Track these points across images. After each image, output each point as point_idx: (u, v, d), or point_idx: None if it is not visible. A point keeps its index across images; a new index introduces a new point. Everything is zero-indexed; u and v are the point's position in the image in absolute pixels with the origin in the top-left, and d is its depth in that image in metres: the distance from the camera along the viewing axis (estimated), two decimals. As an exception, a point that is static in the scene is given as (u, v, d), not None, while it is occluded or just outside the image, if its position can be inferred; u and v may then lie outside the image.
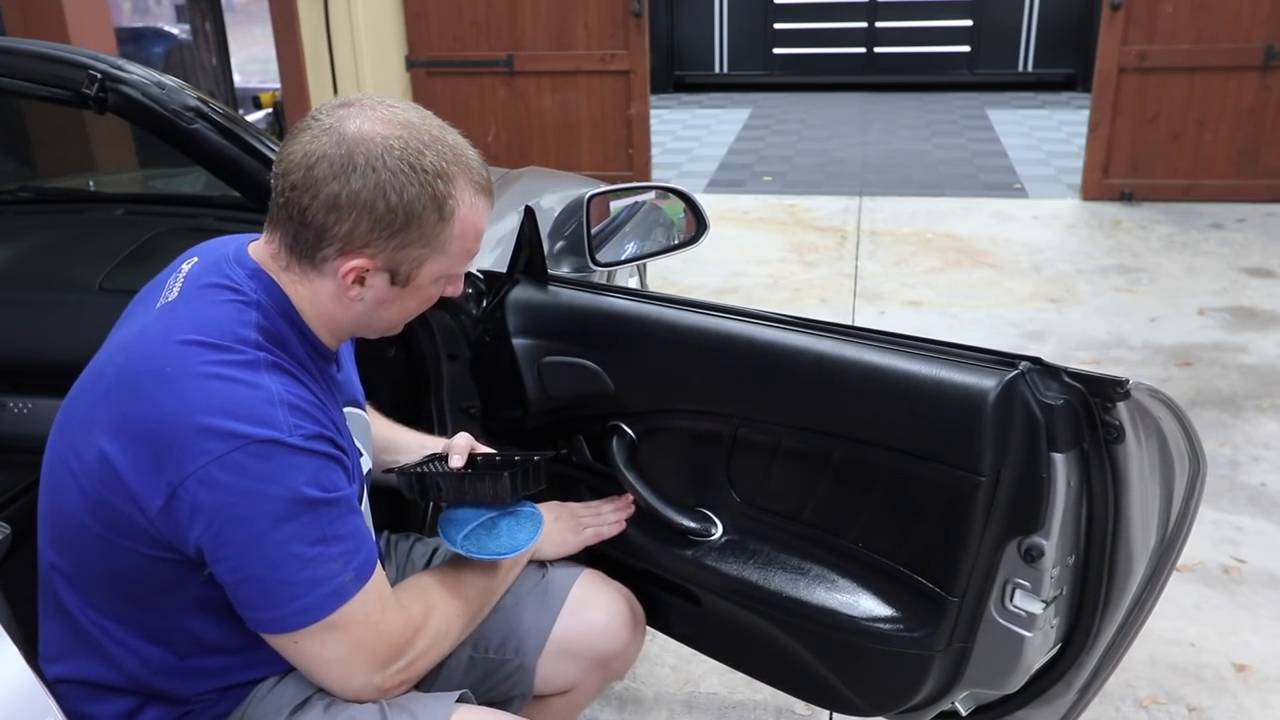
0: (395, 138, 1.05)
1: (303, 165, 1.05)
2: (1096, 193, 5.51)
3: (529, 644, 1.40)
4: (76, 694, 1.15)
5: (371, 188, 1.04)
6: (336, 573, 1.04)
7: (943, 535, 1.22)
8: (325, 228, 1.06)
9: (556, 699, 1.46)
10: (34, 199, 2.38)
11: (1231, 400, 3.31)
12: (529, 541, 1.28)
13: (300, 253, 1.09)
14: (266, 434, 1.00)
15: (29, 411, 1.74)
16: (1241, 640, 2.23)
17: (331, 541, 1.04)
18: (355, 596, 1.06)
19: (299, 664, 1.10)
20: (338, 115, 1.06)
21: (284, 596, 1.03)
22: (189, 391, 1.01)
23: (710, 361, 1.39)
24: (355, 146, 1.04)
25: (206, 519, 1.00)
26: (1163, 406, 1.15)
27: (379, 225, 1.06)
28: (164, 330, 1.06)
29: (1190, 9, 5.11)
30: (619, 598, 1.47)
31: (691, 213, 1.97)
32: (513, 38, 5.67)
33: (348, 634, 1.07)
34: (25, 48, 1.39)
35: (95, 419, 1.06)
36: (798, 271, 4.61)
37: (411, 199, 1.06)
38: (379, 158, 1.04)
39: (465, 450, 1.36)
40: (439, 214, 1.08)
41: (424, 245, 1.09)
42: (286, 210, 1.07)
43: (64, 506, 1.10)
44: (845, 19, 8.79)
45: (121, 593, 1.10)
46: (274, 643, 1.08)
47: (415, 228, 1.07)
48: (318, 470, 1.03)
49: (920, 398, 1.20)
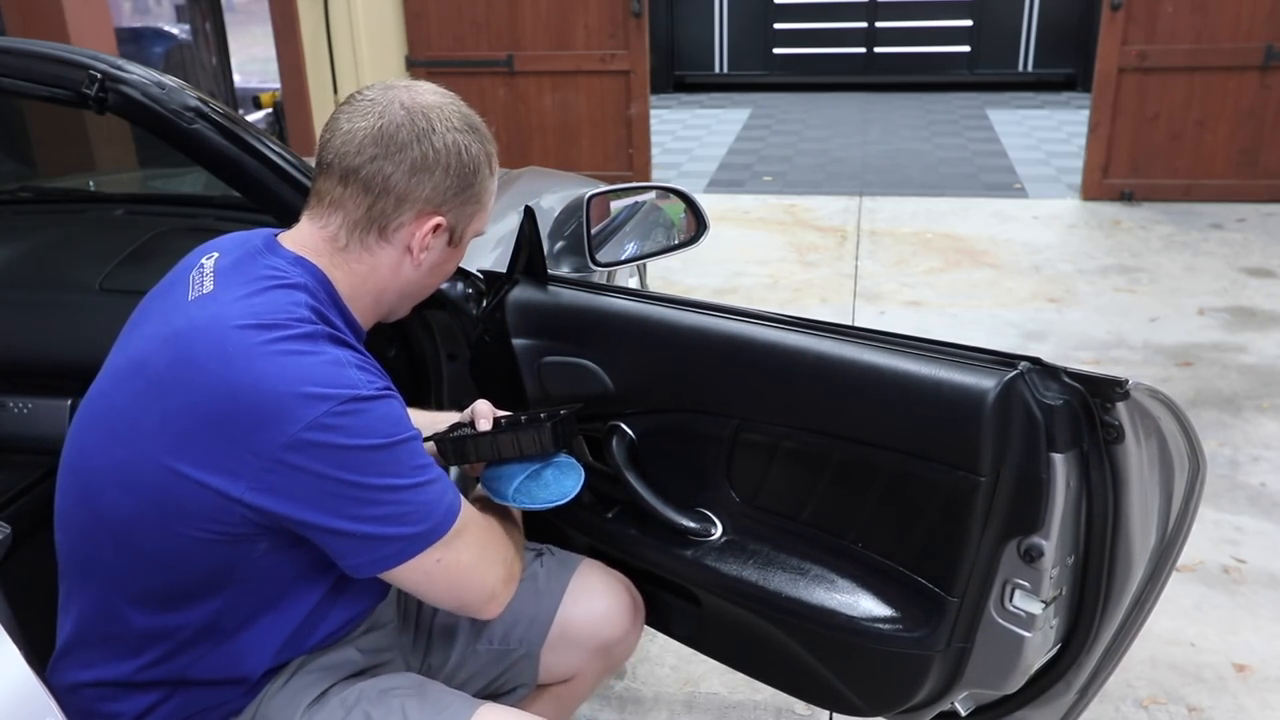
0: (449, 104, 1.17)
1: (378, 138, 1.12)
2: (1096, 193, 5.51)
3: (533, 633, 1.42)
4: (96, 694, 1.15)
5: (450, 145, 1.14)
6: (443, 490, 1.11)
7: (942, 535, 1.22)
8: (408, 191, 1.13)
9: (558, 687, 1.48)
10: (34, 199, 2.38)
11: (1231, 400, 3.31)
12: (575, 488, 1.32)
13: (371, 225, 1.15)
14: (349, 392, 1.03)
15: (29, 411, 1.74)
16: (1241, 640, 2.23)
17: (428, 467, 1.10)
18: (464, 505, 1.14)
19: (440, 583, 1.13)
20: (387, 95, 1.15)
21: (413, 521, 1.08)
22: (259, 368, 1.02)
23: (710, 361, 1.39)
24: (425, 112, 1.14)
25: (311, 484, 1.02)
26: (1162, 407, 1.15)
27: (455, 181, 1.16)
28: (211, 319, 1.07)
29: (1190, 9, 5.11)
30: (619, 586, 1.49)
31: (691, 213, 1.97)
32: (513, 38, 5.67)
33: (475, 534, 1.16)
34: (25, 48, 1.39)
35: (145, 410, 1.05)
36: (798, 271, 4.62)
37: (476, 155, 1.17)
38: (448, 119, 1.15)
39: (490, 415, 1.38)
40: (489, 168, 1.20)
41: (477, 201, 1.20)
42: (364, 184, 1.13)
43: (106, 504, 1.09)
44: (845, 19, 8.79)
45: (169, 582, 1.10)
46: (411, 573, 1.10)
47: (477, 183, 1.18)
48: (397, 415, 1.08)
49: (920, 398, 1.20)
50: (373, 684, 1.22)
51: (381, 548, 1.08)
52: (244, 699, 1.18)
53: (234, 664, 1.16)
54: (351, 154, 1.12)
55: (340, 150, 1.13)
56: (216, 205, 2.16)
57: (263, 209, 1.49)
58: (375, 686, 1.22)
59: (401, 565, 1.09)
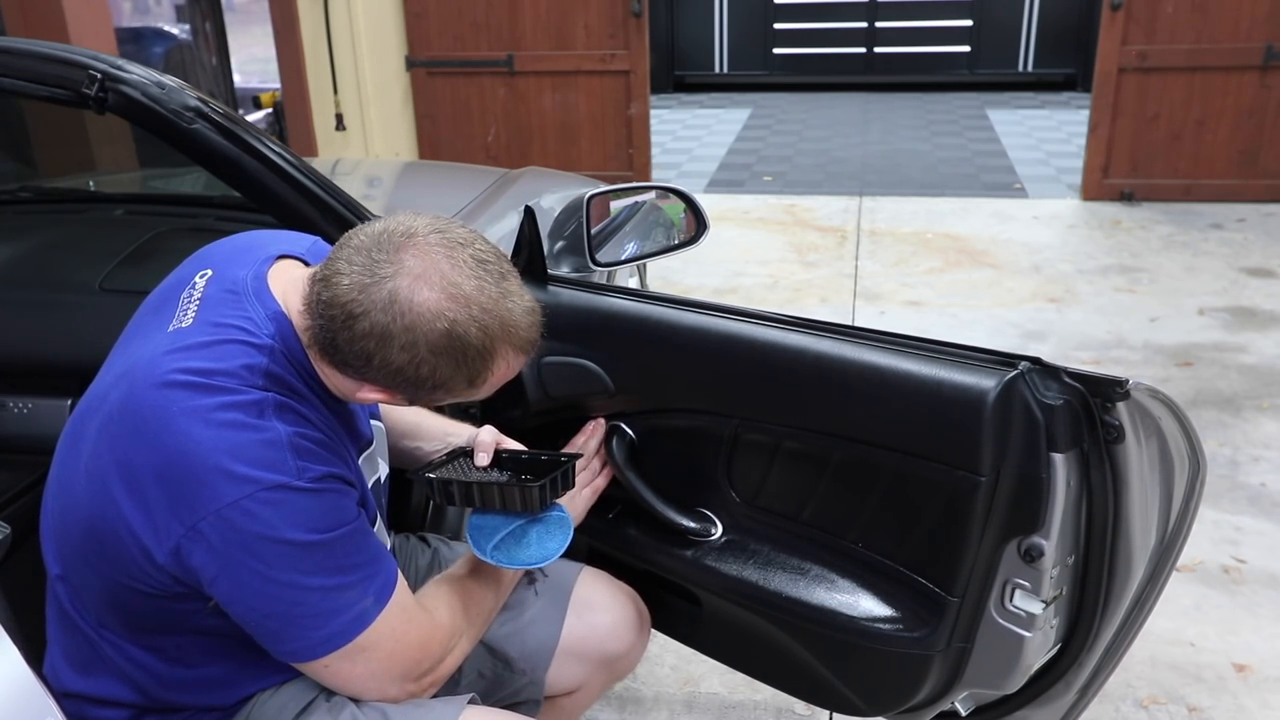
0: (445, 313, 1.01)
1: (347, 308, 1.01)
2: (1096, 193, 5.51)
3: (539, 656, 1.40)
4: (74, 706, 1.14)
5: (406, 362, 1.02)
6: (356, 600, 1.05)
7: (942, 535, 1.22)
8: (355, 360, 1.04)
9: (561, 699, 1.47)
10: (34, 199, 2.38)
11: (1231, 400, 3.31)
12: (559, 550, 1.27)
13: (325, 353, 1.07)
14: (275, 479, 1.00)
15: (29, 411, 1.74)
16: (1241, 640, 2.23)
17: (348, 570, 1.05)
18: (379, 617, 1.07)
19: (332, 685, 1.12)
20: (396, 262, 1.01)
21: (307, 628, 1.04)
22: (194, 435, 0.99)
23: (710, 361, 1.39)
24: (402, 318, 1.00)
25: (220, 564, 1.00)
26: (1162, 406, 1.15)
27: (407, 385, 1.06)
28: (168, 367, 1.04)
29: (1190, 9, 5.11)
30: (624, 598, 1.47)
31: (691, 213, 1.97)
32: (513, 38, 5.66)
33: (376, 652, 1.09)
34: (25, 48, 1.39)
35: (102, 449, 1.04)
36: (798, 271, 4.61)
37: (445, 377, 1.05)
38: (424, 336, 1.01)
39: (491, 447, 1.35)
40: (469, 384, 1.07)
41: (437, 392, 1.08)
42: (321, 326, 1.04)
43: (69, 523, 1.08)
44: (845, 19, 8.79)
45: (127, 619, 1.10)
46: (303, 669, 1.10)
47: (443, 392, 1.08)
48: (329, 509, 1.04)
49: (920, 398, 1.20)
50: None
51: (274, 642, 1.06)
52: (229, 713, 1.18)
53: (206, 693, 1.16)
54: (325, 302, 1.03)
55: (326, 279, 1.04)
56: (216, 205, 2.16)
57: (262, 209, 1.49)
58: None
59: (294, 663, 1.09)
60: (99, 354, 1.17)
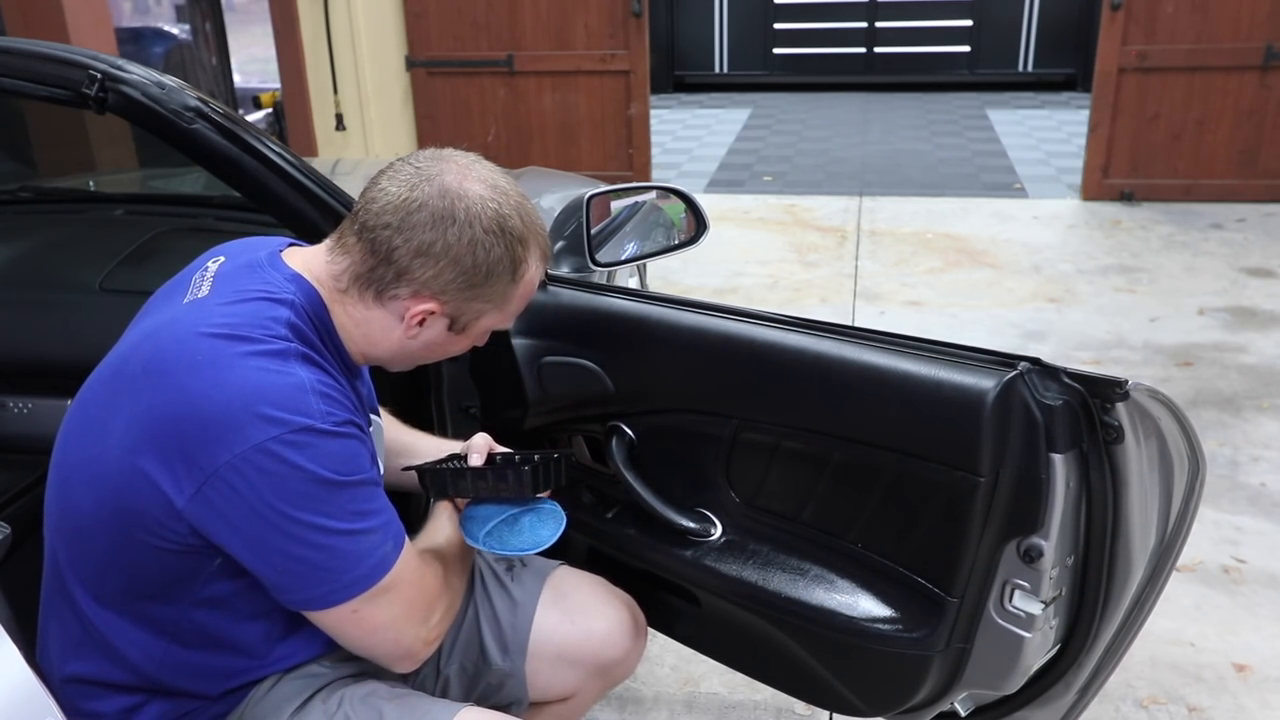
0: (490, 198, 1.11)
1: (402, 208, 1.09)
2: (1096, 193, 5.51)
3: (513, 647, 1.40)
4: (77, 691, 1.15)
5: (465, 243, 1.10)
6: (380, 543, 1.08)
7: (942, 536, 1.22)
8: (408, 269, 1.10)
9: (557, 705, 1.46)
10: (34, 199, 2.38)
11: (1231, 400, 3.31)
12: (552, 537, 1.28)
13: (369, 284, 1.13)
14: (303, 421, 1.02)
15: (29, 411, 1.75)
16: (1241, 640, 2.23)
17: (368, 515, 1.08)
18: (399, 560, 1.11)
19: (353, 634, 1.12)
20: (437, 166, 1.12)
21: (336, 570, 1.06)
22: (221, 379, 1.02)
23: (710, 362, 1.39)
24: (457, 200, 1.10)
25: (245, 508, 1.01)
26: (1162, 407, 1.15)
27: (460, 277, 1.12)
28: (192, 323, 1.07)
29: (1190, 9, 5.11)
30: (620, 605, 1.47)
31: (691, 213, 1.97)
32: (513, 38, 5.67)
33: (399, 593, 1.11)
34: (25, 48, 1.39)
35: (118, 410, 1.06)
36: (798, 271, 4.62)
37: (495, 259, 1.12)
38: (477, 215, 1.10)
39: (485, 450, 1.36)
40: (512, 275, 1.15)
41: (490, 300, 1.16)
42: (371, 245, 1.11)
43: (73, 500, 1.10)
44: (845, 19, 8.79)
45: (128, 585, 1.11)
46: (326, 618, 1.10)
47: (490, 284, 1.14)
48: (351, 454, 1.06)
49: (919, 398, 1.20)
50: (355, 689, 1.23)
51: (300, 589, 1.07)
52: (225, 706, 1.18)
53: (200, 679, 1.16)
54: (374, 214, 1.11)
55: (367, 205, 1.12)
56: (216, 205, 2.16)
57: (262, 209, 1.49)
58: (357, 692, 1.22)
59: (319, 610, 1.09)
60: (99, 354, 1.17)
